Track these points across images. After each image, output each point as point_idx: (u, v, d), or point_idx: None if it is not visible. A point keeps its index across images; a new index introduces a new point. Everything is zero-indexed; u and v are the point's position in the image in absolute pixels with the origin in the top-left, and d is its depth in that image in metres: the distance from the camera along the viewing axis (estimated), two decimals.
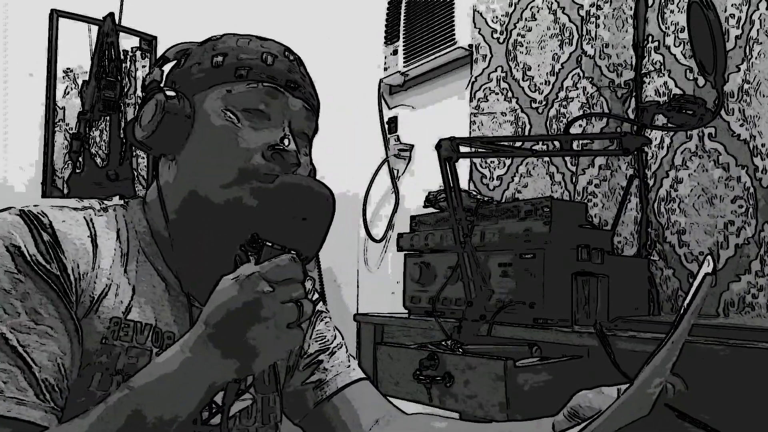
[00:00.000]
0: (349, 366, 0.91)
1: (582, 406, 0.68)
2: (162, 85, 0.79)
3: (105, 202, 0.79)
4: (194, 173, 0.76)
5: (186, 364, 0.62)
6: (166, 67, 0.82)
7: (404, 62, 2.23)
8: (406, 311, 1.61)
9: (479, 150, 1.44)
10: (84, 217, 0.73)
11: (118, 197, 0.82)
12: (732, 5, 1.40)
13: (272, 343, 0.61)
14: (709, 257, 0.63)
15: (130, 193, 1.97)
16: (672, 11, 1.54)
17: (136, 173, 2.05)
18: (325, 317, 0.95)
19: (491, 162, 1.93)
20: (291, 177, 0.73)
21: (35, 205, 0.71)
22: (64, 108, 1.99)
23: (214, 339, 0.61)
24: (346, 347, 0.94)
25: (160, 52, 0.96)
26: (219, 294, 0.61)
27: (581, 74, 1.71)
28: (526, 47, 1.88)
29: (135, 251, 0.76)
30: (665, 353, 0.59)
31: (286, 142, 0.75)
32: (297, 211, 0.64)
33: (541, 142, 1.62)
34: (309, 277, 0.94)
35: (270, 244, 0.63)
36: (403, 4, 2.23)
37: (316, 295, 0.96)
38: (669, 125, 1.25)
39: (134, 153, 2.04)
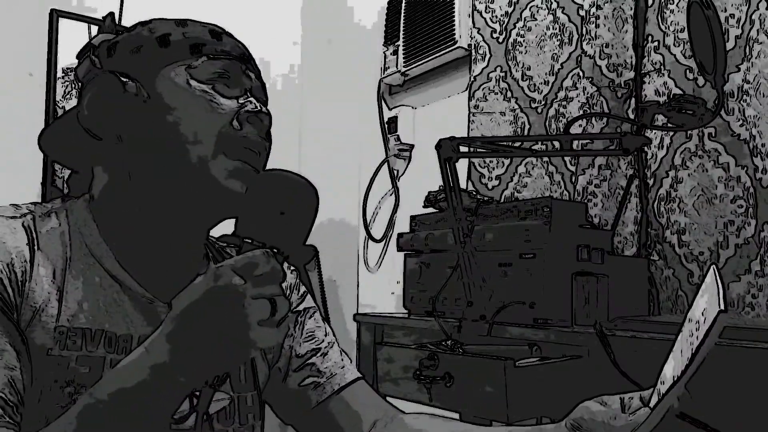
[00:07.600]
0: (343, 366, 0.88)
1: (585, 419, 0.67)
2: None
3: (47, 205, 0.75)
4: (162, 155, 0.71)
5: (153, 367, 0.58)
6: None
7: (404, 62, 2.23)
8: (406, 311, 1.61)
9: (479, 150, 1.44)
10: (22, 224, 0.69)
11: (60, 199, 0.77)
12: (732, 5, 1.40)
13: (241, 340, 0.57)
14: (714, 270, 0.61)
15: None
16: (672, 11, 1.54)
17: None
18: (315, 314, 0.91)
19: (490, 162, 1.93)
20: (271, 173, 0.71)
21: None
22: (64, 108, 1.99)
23: (178, 335, 0.58)
24: (338, 343, 0.91)
25: None
26: (188, 288, 0.59)
27: (581, 74, 1.71)
28: (526, 47, 1.88)
29: (80, 254, 0.71)
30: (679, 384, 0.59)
31: (258, 105, 0.73)
32: (278, 206, 0.63)
33: (540, 142, 1.63)
34: (293, 269, 0.93)
35: (249, 241, 0.62)
36: (403, 4, 2.23)
37: (303, 288, 0.92)
38: (669, 125, 1.25)
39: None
